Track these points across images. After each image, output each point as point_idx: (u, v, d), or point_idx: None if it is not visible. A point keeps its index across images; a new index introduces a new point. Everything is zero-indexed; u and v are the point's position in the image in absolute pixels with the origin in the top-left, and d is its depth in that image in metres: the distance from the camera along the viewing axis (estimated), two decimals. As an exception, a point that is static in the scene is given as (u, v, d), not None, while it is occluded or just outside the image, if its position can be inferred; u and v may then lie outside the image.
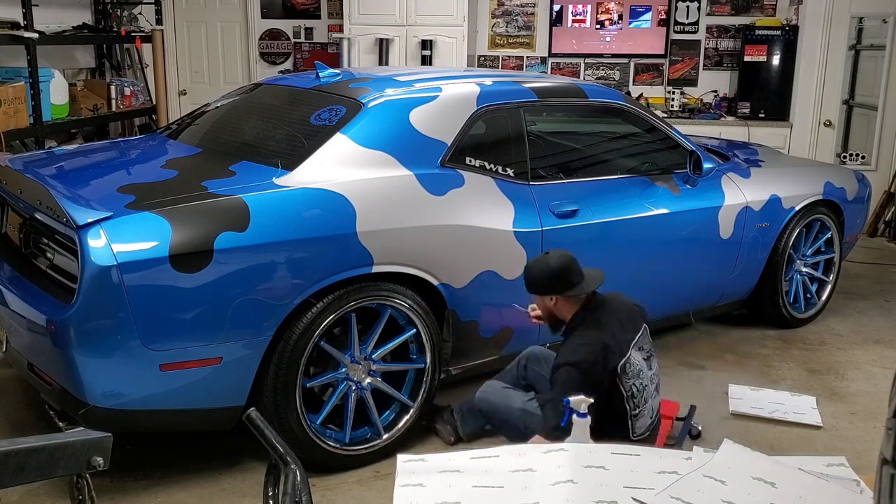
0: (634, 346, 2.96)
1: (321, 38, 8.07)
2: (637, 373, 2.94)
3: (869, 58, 7.62)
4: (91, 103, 6.73)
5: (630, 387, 2.89)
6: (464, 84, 3.77)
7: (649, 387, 2.98)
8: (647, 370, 3.00)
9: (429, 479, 1.95)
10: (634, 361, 2.94)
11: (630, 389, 2.89)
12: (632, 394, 2.90)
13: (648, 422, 2.98)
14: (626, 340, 2.95)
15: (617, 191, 4.02)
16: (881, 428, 1.33)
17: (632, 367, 2.92)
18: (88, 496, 1.60)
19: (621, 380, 2.87)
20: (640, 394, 2.93)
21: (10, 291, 3.06)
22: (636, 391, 2.91)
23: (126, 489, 3.09)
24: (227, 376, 2.94)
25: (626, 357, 2.91)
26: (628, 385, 2.89)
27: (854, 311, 5.29)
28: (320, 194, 3.12)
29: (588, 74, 7.80)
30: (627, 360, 2.90)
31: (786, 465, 2.01)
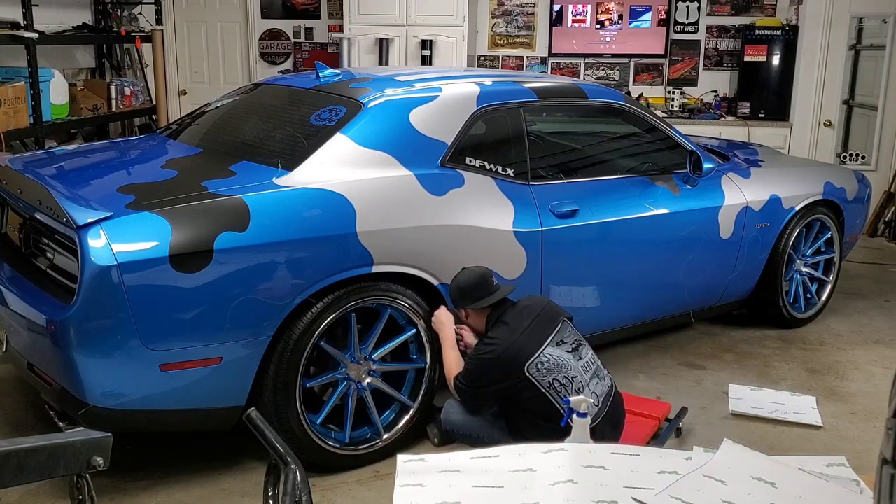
0: (550, 343, 3.06)
1: (321, 38, 8.07)
2: (556, 367, 3.01)
3: (869, 58, 7.62)
4: (91, 103, 6.73)
5: (549, 381, 2.98)
6: (464, 84, 3.77)
7: (581, 376, 3.05)
8: (575, 361, 3.07)
9: (429, 479, 1.95)
10: (550, 357, 3.02)
11: (548, 381, 2.98)
12: (552, 387, 2.98)
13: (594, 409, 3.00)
14: (535, 339, 3.05)
15: (617, 191, 4.02)
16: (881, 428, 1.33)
17: (545, 363, 3.01)
18: (88, 496, 1.60)
19: (534, 377, 2.98)
20: (567, 385, 3.00)
21: (10, 291, 3.06)
22: (560, 383, 2.99)
23: (126, 489, 3.09)
24: (227, 376, 2.94)
25: (537, 354, 3.01)
26: (546, 380, 2.98)
27: (854, 311, 5.29)
28: (320, 194, 3.12)
29: (588, 74, 7.80)
30: (538, 358, 3.01)
31: (786, 465, 2.01)
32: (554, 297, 3.73)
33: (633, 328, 4.29)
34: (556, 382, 3.00)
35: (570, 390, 2.99)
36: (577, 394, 2.98)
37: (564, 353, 3.07)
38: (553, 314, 3.18)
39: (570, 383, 3.01)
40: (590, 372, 3.10)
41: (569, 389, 2.99)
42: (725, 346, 4.67)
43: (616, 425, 3.15)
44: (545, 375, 2.99)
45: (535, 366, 3.00)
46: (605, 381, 3.15)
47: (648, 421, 3.47)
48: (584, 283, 3.87)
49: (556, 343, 3.08)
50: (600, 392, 3.09)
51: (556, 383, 2.99)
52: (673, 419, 3.59)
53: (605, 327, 4.05)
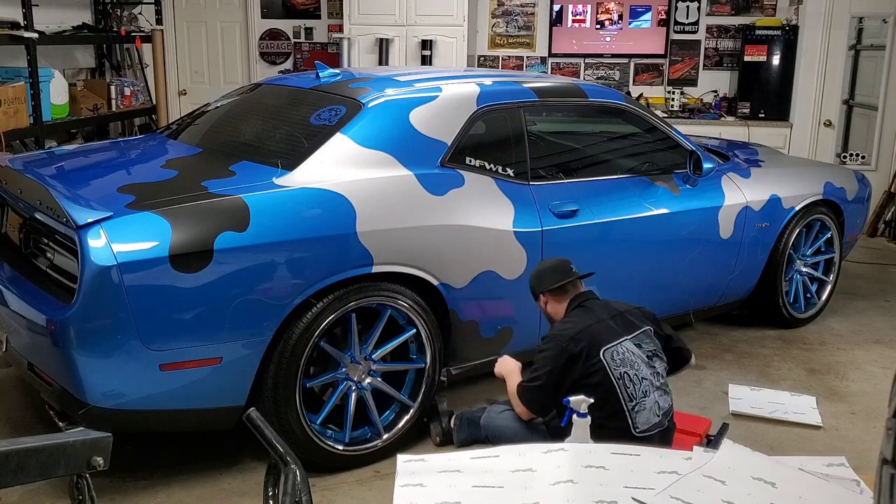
0: (629, 339, 3.00)
1: (321, 38, 8.07)
2: (629, 362, 2.95)
3: (869, 58, 7.62)
4: (91, 103, 6.73)
5: (620, 372, 2.91)
6: (464, 84, 3.77)
7: (650, 381, 2.97)
8: (646, 366, 3.00)
9: (429, 479, 1.95)
10: (626, 350, 2.97)
11: (620, 372, 2.91)
12: (623, 379, 2.91)
13: (654, 419, 2.95)
14: (616, 329, 3.01)
15: (617, 191, 4.02)
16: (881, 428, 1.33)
17: (620, 354, 2.95)
18: (88, 496, 1.60)
19: (607, 361, 2.92)
20: (636, 384, 2.93)
21: (10, 291, 3.06)
22: (629, 379, 2.92)
23: (126, 489, 3.09)
24: (227, 376, 2.94)
25: (615, 343, 2.96)
26: (619, 371, 2.91)
27: (854, 311, 5.29)
28: (320, 194, 3.12)
29: (588, 74, 7.80)
30: (615, 347, 2.95)
31: (786, 465, 2.01)
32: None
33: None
34: (627, 377, 2.92)
35: (637, 391, 2.92)
36: (644, 396, 2.94)
37: (641, 355, 3.01)
38: (639, 317, 3.13)
39: (639, 383, 2.94)
40: (658, 381, 3.03)
41: (636, 389, 2.92)
42: (725, 346, 4.67)
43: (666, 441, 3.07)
44: (619, 366, 2.92)
45: (612, 353, 2.93)
46: (668, 397, 3.08)
47: (690, 438, 3.32)
48: (584, 283, 3.86)
49: (636, 343, 3.02)
50: (663, 405, 3.02)
51: (626, 377, 2.92)
52: (715, 436, 3.44)
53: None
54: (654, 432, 2.95)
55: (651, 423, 2.95)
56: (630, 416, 2.90)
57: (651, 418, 2.95)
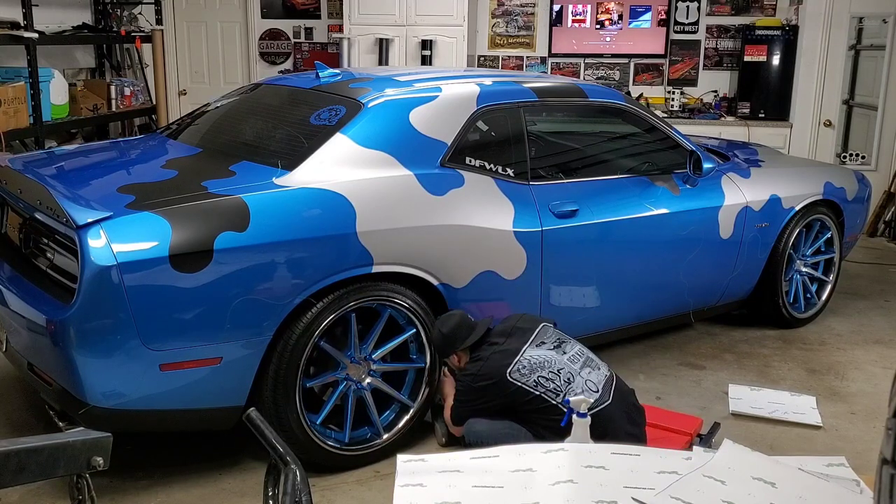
0: (529, 346, 3.13)
1: (321, 38, 8.07)
2: (538, 365, 3.07)
3: (869, 58, 7.62)
4: (91, 103, 6.73)
5: (535, 380, 3.04)
6: (464, 84, 3.77)
7: (568, 367, 3.10)
8: (559, 355, 3.13)
9: (429, 479, 1.95)
10: (529, 358, 3.09)
11: (532, 379, 3.05)
12: (539, 384, 3.04)
13: (593, 396, 3.02)
14: (512, 349, 3.13)
15: (617, 191, 4.02)
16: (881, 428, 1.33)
17: (525, 364, 3.07)
18: (88, 496, 1.60)
19: (518, 381, 3.05)
20: (554, 379, 3.05)
21: (10, 291, 3.06)
22: (545, 378, 3.05)
23: (126, 489, 3.09)
24: (227, 376, 2.94)
25: (515, 361, 3.08)
26: (531, 379, 3.05)
27: (854, 311, 5.29)
28: (320, 194, 3.12)
29: (588, 74, 7.80)
30: (516, 364, 3.08)
31: (786, 465, 2.01)
32: (553, 298, 3.73)
33: (633, 328, 4.29)
34: (542, 378, 3.06)
35: (560, 382, 3.05)
36: (568, 384, 3.04)
37: (546, 352, 3.14)
38: (530, 322, 3.28)
39: (556, 376, 3.06)
40: (578, 362, 3.15)
41: (558, 382, 3.05)
42: (725, 346, 4.67)
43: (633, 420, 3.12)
44: (528, 376, 3.06)
45: (517, 370, 3.08)
46: (600, 369, 3.19)
47: (680, 437, 3.35)
48: (584, 283, 3.87)
49: (536, 345, 3.16)
50: (596, 379, 3.12)
51: (541, 379, 3.05)
52: (706, 435, 3.47)
53: (606, 327, 4.05)
54: (600, 408, 3.00)
55: (594, 398, 3.01)
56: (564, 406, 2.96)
57: (590, 394, 3.03)
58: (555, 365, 3.09)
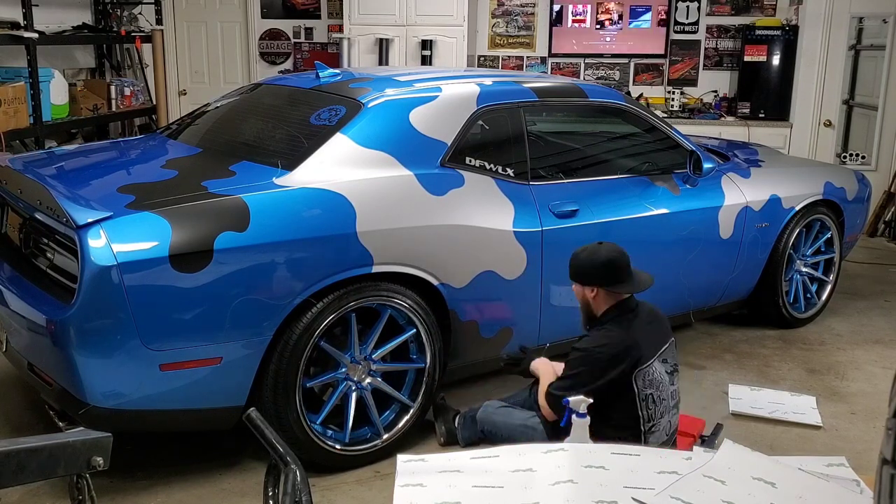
0: (659, 357, 2.95)
1: (321, 38, 8.07)
2: (656, 383, 2.90)
3: (869, 58, 7.62)
4: (91, 103, 6.73)
5: (646, 394, 2.87)
6: (464, 84, 3.77)
7: (668, 401, 2.95)
8: (669, 385, 2.96)
9: (429, 479, 1.95)
10: (655, 370, 2.91)
11: (645, 394, 2.86)
12: (647, 401, 2.87)
13: (664, 438, 2.94)
14: (651, 348, 2.93)
15: (617, 191, 4.02)
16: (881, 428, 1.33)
17: (651, 374, 2.89)
18: (88, 496, 1.60)
19: (636, 381, 2.86)
20: (657, 405, 2.89)
21: (10, 291, 3.06)
22: (652, 400, 2.88)
23: (126, 489, 3.08)
24: (227, 376, 2.94)
25: (648, 364, 2.89)
26: (645, 392, 2.86)
27: (854, 311, 5.29)
28: (320, 194, 3.12)
29: (588, 74, 7.79)
30: (648, 367, 2.88)
31: (786, 465, 2.01)
32: (554, 298, 3.73)
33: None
34: (650, 398, 2.88)
35: (656, 412, 2.90)
36: (661, 417, 2.91)
37: (665, 374, 2.96)
38: (667, 329, 3.07)
39: (659, 404, 2.91)
40: (674, 401, 3.01)
41: (657, 409, 2.89)
42: (725, 346, 4.67)
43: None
44: (645, 387, 2.87)
45: (643, 374, 2.87)
46: (677, 416, 3.07)
47: (684, 438, 3.32)
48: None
49: (662, 360, 2.98)
50: (673, 425, 3.01)
51: (650, 398, 2.87)
52: (709, 436, 3.45)
53: (605, 327, 4.05)
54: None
55: (660, 441, 2.94)
56: (644, 438, 2.89)
57: (661, 438, 2.94)
58: (663, 392, 2.91)
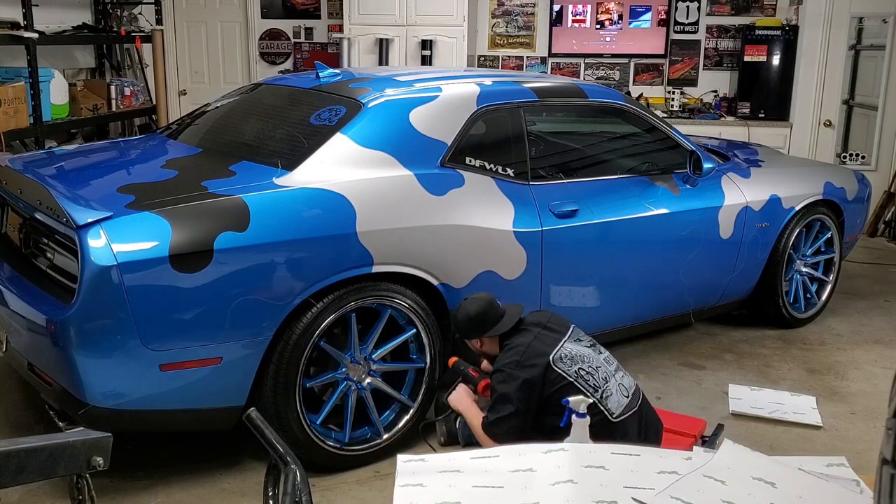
0: (567, 340, 3.05)
1: (321, 38, 8.07)
2: (578, 357, 2.99)
3: (869, 58, 7.62)
4: (91, 103, 6.73)
5: (575, 370, 2.95)
6: (464, 84, 3.77)
7: (604, 367, 3.03)
8: (595, 354, 3.07)
9: (429, 479, 1.94)
10: (570, 349, 3.01)
11: (574, 371, 2.95)
12: (581, 377, 2.95)
13: (625, 400, 2.99)
14: (552, 336, 3.04)
15: (617, 191, 4.02)
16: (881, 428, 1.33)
17: (567, 354, 2.99)
18: (88, 496, 1.60)
19: (561, 368, 2.95)
20: (593, 374, 2.97)
21: (10, 291, 3.06)
22: (586, 371, 2.97)
23: (126, 489, 3.09)
24: (227, 376, 2.94)
25: (558, 348, 2.99)
26: (573, 370, 2.95)
27: (854, 311, 5.29)
28: (320, 194, 3.12)
29: (588, 74, 7.80)
30: (560, 351, 2.98)
31: (786, 465, 2.01)
32: (554, 298, 3.73)
33: (633, 328, 4.29)
34: (583, 370, 2.96)
35: (598, 378, 2.97)
36: (605, 382, 2.98)
37: (583, 348, 3.06)
38: (562, 319, 3.20)
39: (595, 372, 2.98)
40: (612, 365, 3.09)
41: (596, 377, 2.97)
42: (725, 346, 4.67)
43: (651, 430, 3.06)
44: (570, 365, 2.96)
45: (560, 357, 2.96)
46: (629, 377, 3.14)
47: (684, 439, 3.32)
48: (585, 283, 3.87)
49: (574, 340, 3.08)
50: (628, 385, 3.07)
51: (582, 371, 2.96)
52: (710, 437, 3.45)
53: (606, 327, 4.05)
54: (629, 414, 2.97)
55: (623, 404, 2.98)
56: (602, 405, 2.92)
57: (621, 400, 2.98)
58: (593, 361, 3.01)
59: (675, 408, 3.76)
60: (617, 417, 2.94)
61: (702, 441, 3.42)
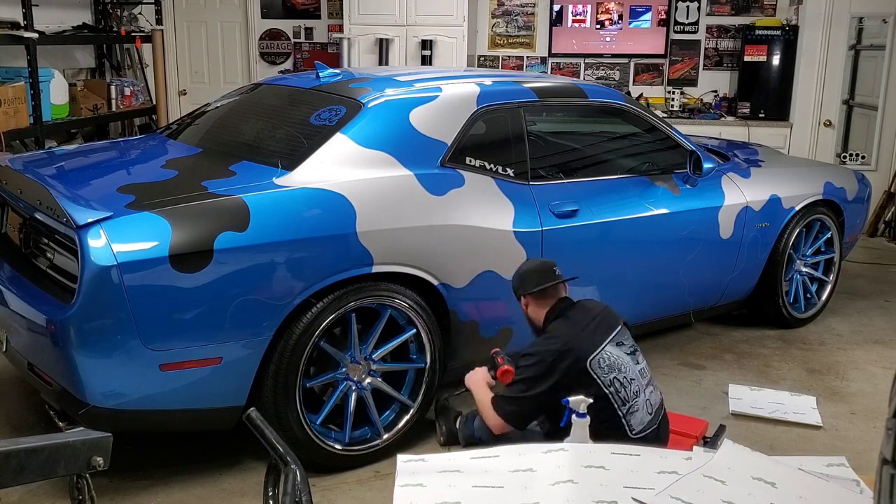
0: (611, 342, 2.95)
1: (321, 38, 8.07)
2: (616, 366, 2.91)
3: (869, 58, 7.62)
4: (91, 103, 6.73)
5: (610, 378, 2.87)
6: (464, 84, 3.77)
7: (638, 380, 2.96)
8: (633, 364, 2.98)
9: (429, 479, 1.95)
10: (610, 355, 2.92)
11: (609, 379, 2.87)
12: (614, 387, 2.87)
13: (648, 417, 2.94)
14: (597, 336, 2.95)
15: (617, 191, 4.02)
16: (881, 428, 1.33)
17: (606, 360, 2.90)
18: (88, 496, 1.60)
19: (596, 373, 2.87)
20: (626, 387, 2.90)
21: (10, 291, 3.06)
22: (619, 384, 2.89)
23: (126, 489, 3.09)
24: (227, 376, 2.94)
25: (599, 351, 2.90)
26: (608, 378, 2.87)
27: (854, 311, 5.29)
28: (320, 194, 3.12)
29: (588, 74, 7.79)
30: (600, 354, 2.90)
31: (786, 465, 2.01)
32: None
33: (633, 328, 4.25)
34: (617, 382, 2.88)
35: (629, 393, 2.90)
36: (635, 397, 2.91)
37: (624, 355, 2.97)
38: (613, 315, 3.09)
39: (629, 385, 2.91)
40: (646, 378, 3.01)
41: (627, 391, 2.89)
42: (725, 346, 4.67)
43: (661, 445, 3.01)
44: (607, 373, 2.88)
45: (598, 361, 2.88)
46: (657, 392, 3.07)
47: (685, 439, 3.30)
48: (585, 283, 3.86)
49: (616, 343, 2.98)
50: (654, 401, 3.00)
51: (616, 382, 2.88)
52: (712, 438, 3.43)
53: (605, 327, 4.04)
54: (648, 432, 2.94)
55: (645, 422, 2.94)
56: (625, 421, 2.88)
57: (644, 417, 2.94)
58: (629, 373, 2.92)
59: (675, 408, 3.76)
60: (636, 434, 2.90)
61: (703, 442, 3.41)
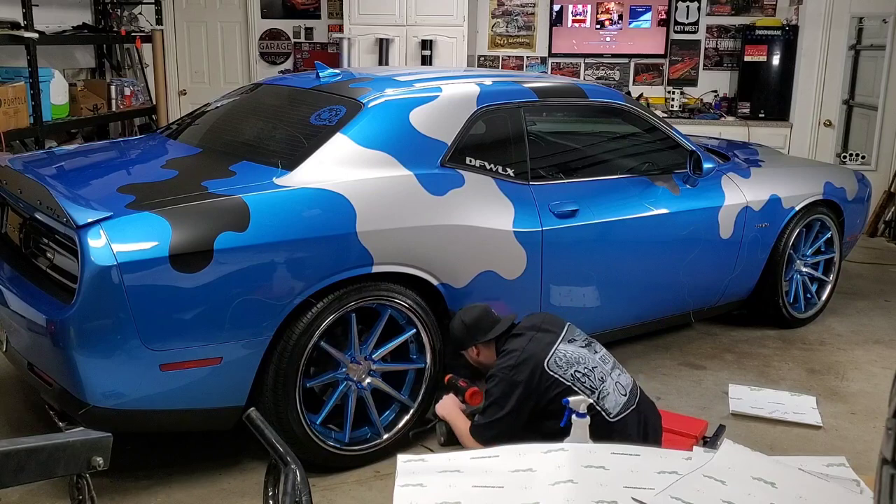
0: (562, 342, 3.06)
1: (321, 38, 8.07)
2: (573, 360, 3.01)
3: (869, 58, 7.62)
4: (91, 103, 6.73)
5: (572, 374, 2.97)
6: (464, 84, 3.77)
7: (601, 367, 3.05)
8: (591, 354, 3.07)
9: (429, 479, 1.95)
10: (565, 352, 3.02)
11: (571, 373, 2.97)
12: (577, 379, 2.96)
13: (622, 399, 3.00)
14: (546, 339, 3.05)
15: (617, 191, 4.02)
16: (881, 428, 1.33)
17: (563, 357, 3.00)
18: (88, 496, 1.60)
19: (556, 372, 2.96)
20: (590, 376, 2.99)
21: (10, 291, 3.06)
22: (581, 374, 2.98)
23: (126, 489, 3.09)
24: (227, 376, 2.94)
25: (552, 352, 3.00)
26: (568, 373, 2.97)
27: (854, 311, 5.29)
28: (320, 194, 3.12)
29: (588, 74, 7.80)
30: (554, 354, 3.00)
31: (786, 465, 2.01)
32: (554, 298, 3.74)
33: (633, 328, 4.29)
34: (578, 373, 2.98)
35: (594, 379, 2.99)
36: (602, 382, 2.99)
37: (578, 349, 3.07)
38: (556, 320, 3.21)
39: (591, 373, 3.00)
40: (609, 364, 3.10)
41: (592, 378, 2.99)
42: (725, 346, 4.67)
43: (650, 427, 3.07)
44: (566, 369, 2.98)
45: (554, 361, 2.98)
46: (626, 374, 3.15)
47: (685, 439, 3.31)
48: (585, 283, 3.87)
49: (568, 341, 3.08)
50: (625, 383, 3.08)
51: (578, 374, 2.97)
52: (711, 438, 3.44)
53: (606, 327, 4.05)
54: (627, 413, 2.98)
55: (620, 403, 2.99)
56: (598, 405, 2.93)
57: (618, 399, 2.99)
58: (588, 362, 3.03)
59: (675, 408, 3.77)
60: (615, 417, 2.96)
61: (703, 442, 3.41)
